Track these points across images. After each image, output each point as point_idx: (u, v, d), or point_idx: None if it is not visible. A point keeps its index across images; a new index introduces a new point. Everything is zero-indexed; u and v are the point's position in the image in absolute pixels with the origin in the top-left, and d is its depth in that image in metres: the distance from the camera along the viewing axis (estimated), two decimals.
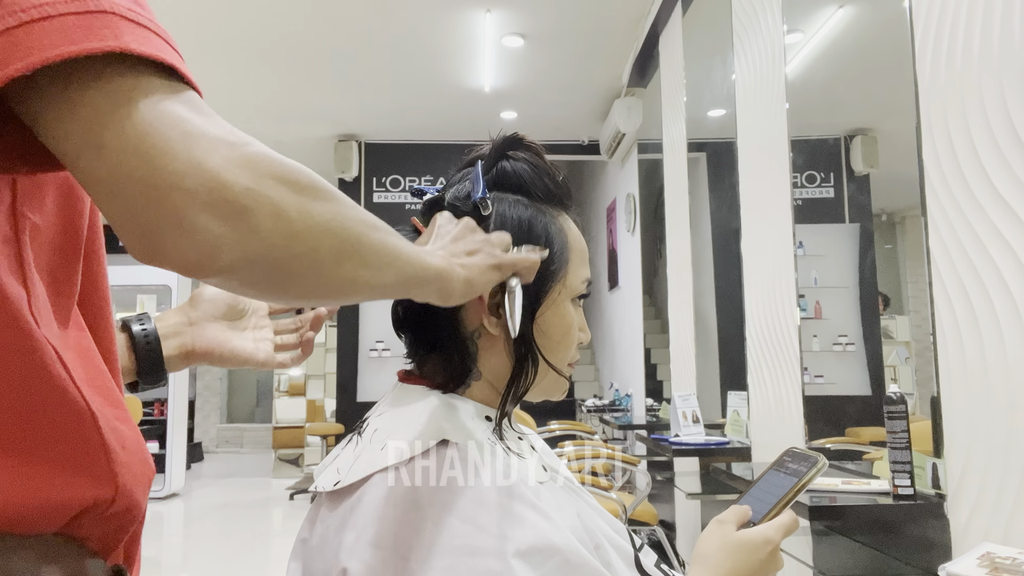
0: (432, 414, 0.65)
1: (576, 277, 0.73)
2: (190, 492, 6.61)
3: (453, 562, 0.55)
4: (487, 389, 0.71)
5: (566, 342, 0.73)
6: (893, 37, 1.70)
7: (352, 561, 0.57)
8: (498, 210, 0.70)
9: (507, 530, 0.56)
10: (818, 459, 0.69)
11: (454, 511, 0.57)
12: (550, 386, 0.74)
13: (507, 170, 0.73)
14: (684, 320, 3.83)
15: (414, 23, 4.37)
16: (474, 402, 0.70)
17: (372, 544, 0.57)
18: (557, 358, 0.73)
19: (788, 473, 0.70)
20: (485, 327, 0.69)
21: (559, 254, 0.71)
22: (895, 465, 1.49)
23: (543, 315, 0.71)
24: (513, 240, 0.68)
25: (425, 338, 0.71)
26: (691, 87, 3.67)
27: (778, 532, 0.66)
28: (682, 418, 2.99)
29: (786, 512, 0.68)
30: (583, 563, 0.59)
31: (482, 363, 0.71)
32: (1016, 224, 1.30)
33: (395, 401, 0.70)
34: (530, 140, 0.75)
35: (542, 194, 0.73)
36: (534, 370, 0.70)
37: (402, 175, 6.48)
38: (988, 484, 1.36)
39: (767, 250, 2.52)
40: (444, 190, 0.74)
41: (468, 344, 0.70)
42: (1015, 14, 1.31)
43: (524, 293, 0.67)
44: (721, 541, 0.66)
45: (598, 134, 6.18)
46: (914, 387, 1.87)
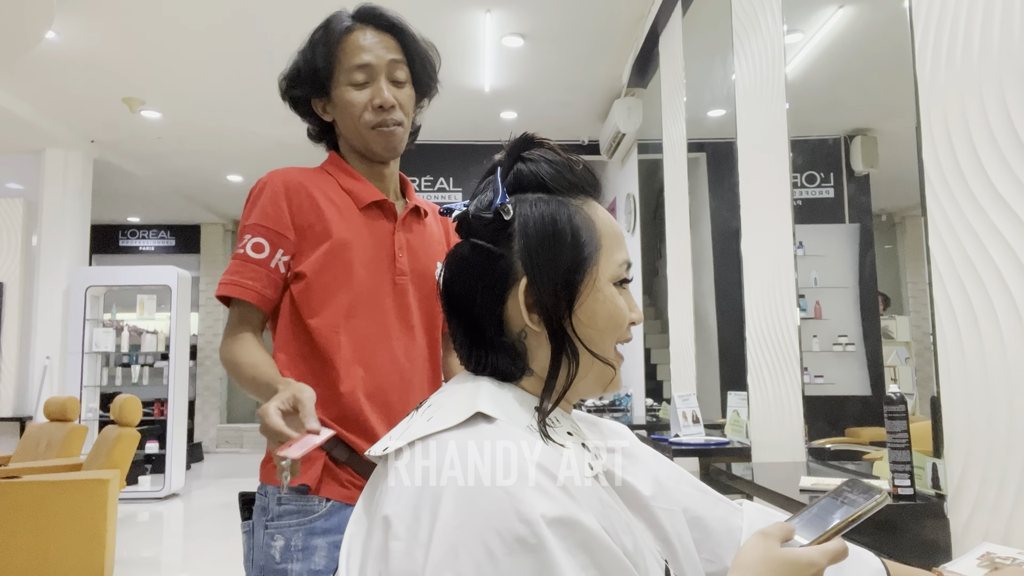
0: (478, 393, 0.69)
1: (611, 261, 0.74)
2: (190, 492, 6.61)
3: (481, 525, 0.57)
4: (539, 384, 0.73)
5: (612, 327, 0.73)
6: (893, 37, 1.71)
7: (393, 509, 0.63)
8: (520, 212, 0.72)
9: (535, 499, 0.58)
10: (879, 493, 0.68)
11: (484, 477, 0.60)
12: (599, 378, 0.75)
13: (524, 171, 0.74)
14: (684, 320, 3.82)
15: (414, 23, 4.36)
16: (523, 390, 0.72)
17: (411, 504, 0.62)
18: (604, 347, 0.73)
19: (845, 502, 0.69)
20: (529, 326, 0.71)
21: (588, 242, 0.72)
22: (895, 465, 1.49)
23: (582, 305, 0.71)
24: (539, 238, 0.70)
25: (477, 340, 0.74)
26: (691, 87, 3.67)
27: (824, 557, 0.65)
28: (682, 418, 2.99)
29: (837, 540, 0.66)
30: (608, 547, 0.59)
31: (532, 360, 0.73)
32: (1016, 224, 1.30)
33: (453, 383, 0.75)
34: (541, 137, 0.76)
35: (563, 187, 0.74)
36: (575, 363, 0.71)
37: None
38: (988, 484, 1.36)
39: (767, 250, 2.52)
40: (468, 203, 0.75)
41: (516, 345, 0.72)
42: (1015, 14, 1.31)
43: (556, 288, 0.70)
44: (765, 554, 0.65)
45: (598, 134, 6.18)
46: (914, 387, 1.87)
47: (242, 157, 6.92)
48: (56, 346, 6.23)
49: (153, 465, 6.72)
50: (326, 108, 1.28)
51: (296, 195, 1.21)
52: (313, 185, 1.23)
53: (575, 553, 0.57)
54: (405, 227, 1.28)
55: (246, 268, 1.19)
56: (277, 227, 1.20)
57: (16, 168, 6.47)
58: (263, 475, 1.21)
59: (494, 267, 0.71)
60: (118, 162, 6.95)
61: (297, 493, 1.16)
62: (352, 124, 1.24)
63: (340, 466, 1.17)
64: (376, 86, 1.22)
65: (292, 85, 1.27)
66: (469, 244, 0.73)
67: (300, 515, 1.14)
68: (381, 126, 1.22)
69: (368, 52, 1.22)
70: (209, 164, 7.18)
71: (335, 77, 1.23)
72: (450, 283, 0.75)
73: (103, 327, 6.50)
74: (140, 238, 10.05)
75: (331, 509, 1.15)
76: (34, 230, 6.39)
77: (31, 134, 5.98)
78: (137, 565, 4.24)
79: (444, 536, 0.58)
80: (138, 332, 6.92)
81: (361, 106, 1.22)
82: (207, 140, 6.39)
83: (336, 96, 1.24)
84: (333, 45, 1.23)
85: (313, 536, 1.13)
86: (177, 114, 5.81)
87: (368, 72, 1.22)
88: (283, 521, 1.14)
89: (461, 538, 0.57)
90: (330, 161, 1.30)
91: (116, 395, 4.41)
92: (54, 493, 3.46)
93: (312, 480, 1.16)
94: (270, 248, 1.19)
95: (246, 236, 1.20)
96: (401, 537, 0.61)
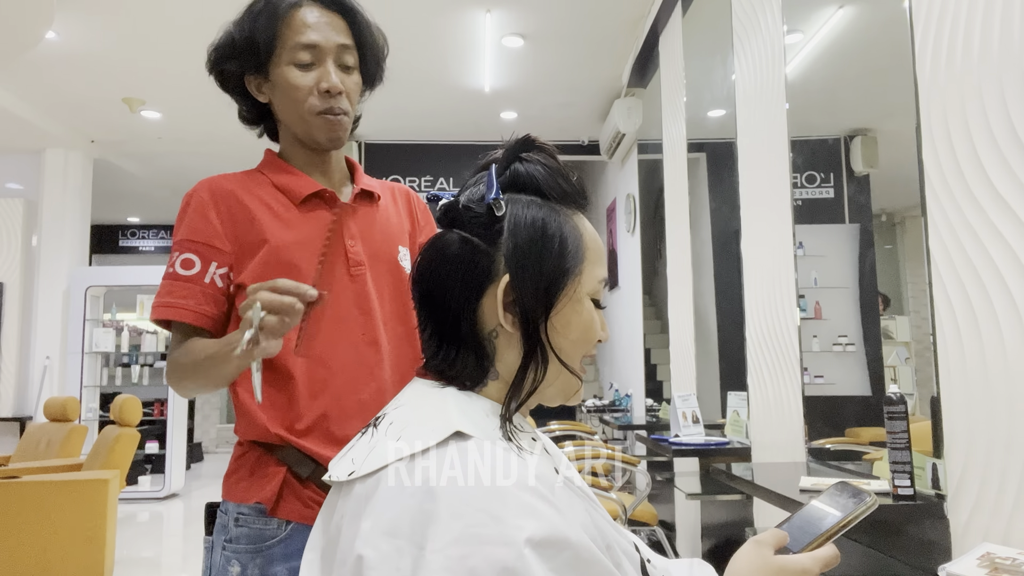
0: (448, 408, 0.67)
1: (592, 276, 0.74)
2: (190, 492, 6.61)
3: (467, 551, 0.55)
4: (504, 388, 0.72)
5: (583, 340, 0.73)
6: (893, 37, 1.71)
7: (367, 549, 0.58)
8: (512, 211, 0.71)
9: (521, 521, 0.57)
10: (868, 497, 0.68)
11: (468, 501, 0.58)
12: (564, 387, 0.74)
13: (521, 172, 0.74)
14: (684, 320, 3.82)
15: (414, 23, 4.37)
16: (489, 400, 0.71)
17: (387, 533, 0.58)
18: (572, 357, 0.73)
19: (835, 507, 0.68)
20: (503, 326, 0.70)
21: (574, 252, 0.72)
22: (895, 465, 1.49)
23: (559, 313, 0.71)
24: (528, 239, 0.70)
25: (446, 334, 0.72)
26: (691, 87, 3.67)
27: (816, 564, 0.65)
28: (682, 418, 2.99)
29: (828, 546, 0.66)
30: (594, 560, 0.59)
31: (499, 363, 0.72)
32: (1016, 224, 1.30)
33: (412, 396, 0.72)
34: (543, 142, 0.76)
35: (556, 194, 0.74)
36: (544, 368, 0.71)
37: (402, 175, 6.49)
38: (988, 484, 1.36)
39: (767, 250, 2.52)
40: (458, 194, 0.75)
41: (486, 344, 0.71)
42: (1015, 14, 1.31)
43: (538, 291, 0.69)
44: (759, 562, 0.65)
45: (598, 134, 6.18)
46: (914, 387, 1.87)
47: (242, 157, 6.90)
48: (56, 346, 6.23)
49: (153, 465, 6.72)
50: (261, 87, 1.17)
51: (224, 203, 1.13)
52: (243, 190, 1.14)
53: (563, 572, 0.57)
54: (354, 214, 1.19)
55: (176, 287, 1.10)
56: (208, 240, 1.11)
57: (16, 168, 6.47)
58: (225, 490, 1.12)
59: (476, 261, 0.70)
60: (118, 162, 6.95)
61: (255, 513, 1.06)
62: (294, 109, 1.14)
63: (303, 483, 1.08)
64: (323, 69, 1.12)
65: (224, 57, 1.15)
66: (454, 235, 0.72)
67: (258, 540, 1.05)
68: (327, 113, 1.13)
69: (316, 31, 1.12)
70: (209, 164, 7.17)
71: (276, 54, 1.12)
72: (425, 272, 0.73)
73: (103, 327, 6.50)
74: (140, 238, 10.05)
75: (292, 532, 1.06)
76: (34, 230, 6.39)
77: (31, 134, 5.98)
78: (137, 565, 4.24)
79: (428, 566, 0.56)
80: (138, 332, 6.92)
81: (306, 90, 1.12)
82: (207, 140, 6.39)
83: (276, 76, 1.13)
84: (277, 19, 1.12)
85: (272, 563, 1.04)
86: (177, 114, 5.81)
87: (315, 53, 1.12)
88: (240, 545, 1.06)
89: (448, 565, 0.55)
90: (264, 160, 1.22)
91: (116, 395, 4.41)
92: (54, 493, 3.46)
93: (268, 498, 1.06)
94: (201, 263, 1.10)
95: (174, 254, 1.12)
96: (376, 568, 0.57)
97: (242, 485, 1.10)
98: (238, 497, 1.09)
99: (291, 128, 1.17)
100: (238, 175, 1.18)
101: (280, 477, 1.07)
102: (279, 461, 1.08)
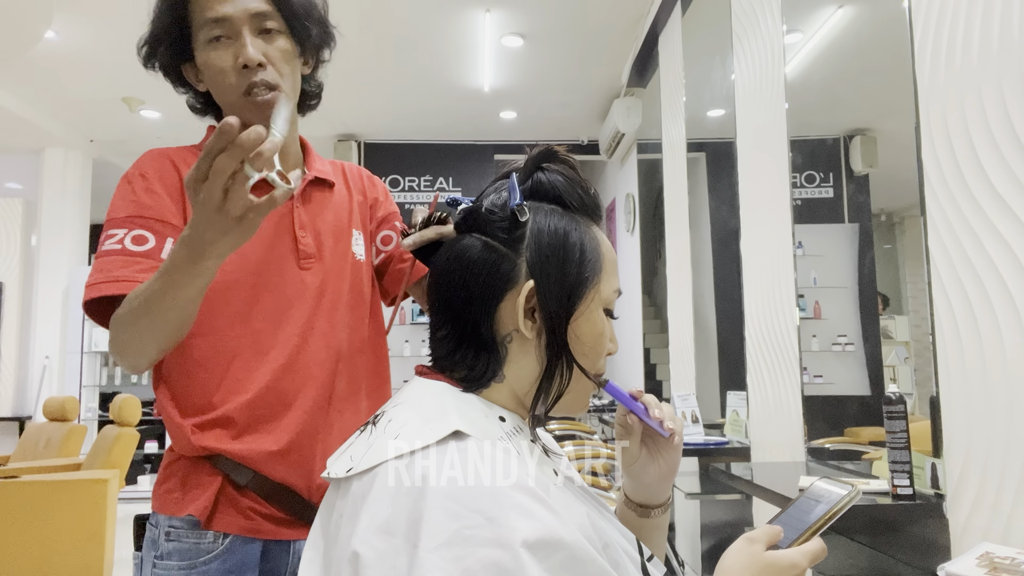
0: (447, 408, 0.67)
1: (608, 286, 0.75)
2: None
3: (462, 551, 0.56)
4: (507, 393, 0.73)
5: (596, 350, 0.75)
6: (893, 37, 1.71)
7: (363, 547, 0.59)
8: (535, 219, 0.72)
9: (515, 521, 0.57)
10: (851, 488, 0.70)
11: (464, 501, 0.58)
12: (578, 396, 0.76)
13: (543, 181, 0.75)
14: (683, 320, 3.82)
15: (414, 23, 4.37)
16: (490, 402, 0.72)
17: (383, 531, 0.59)
18: (587, 365, 0.74)
19: (820, 501, 0.71)
20: (520, 331, 0.70)
21: (592, 262, 0.73)
22: (894, 465, 1.49)
23: (576, 320, 0.72)
24: (550, 246, 0.71)
25: (465, 336, 0.72)
26: (690, 87, 3.67)
27: (804, 558, 0.67)
28: (681, 418, 2.99)
29: (815, 539, 0.68)
30: (589, 559, 0.59)
31: (508, 368, 0.72)
32: (1016, 224, 1.31)
33: (412, 394, 0.72)
34: (565, 154, 0.77)
35: (576, 204, 0.75)
36: (569, 372, 0.72)
37: (401, 175, 6.48)
38: (987, 484, 1.36)
39: (766, 250, 2.52)
40: (479, 199, 0.76)
41: (500, 347, 0.72)
42: (1015, 15, 1.31)
43: (560, 298, 0.70)
44: (749, 559, 0.67)
45: (597, 134, 6.18)
46: (913, 387, 1.87)
47: None
48: (55, 346, 6.23)
49: (152, 465, 6.71)
50: (199, 76, 1.09)
51: (170, 178, 1.04)
52: (187, 166, 1.04)
53: (558, 573, 0.57)
54: (304, 201, 1.11)
55: (129, 261, 0.96)
56: (161, 216, 1.01)
57: (15, 168, 6.46)
58: (154, 501, 1.03)
59: (499, 265, 0.71)
60: (118, 162, 6.94)
61: (188, 526, 0.98)
62: (222, 94, 1.05)
63: (241, 491, 0.99)
64: (239, 43, 1.02)
65: (151, 52, 1.08)
66: (476, 240, 0.73)
67: (191, 555, 0.97)
68: (251, 94, 1.02)
69: (224, 3, 1.01)
70: None
71: (194, 37, 1.04)
72: (445, 274, 0.73)
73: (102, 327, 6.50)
74: None
75: (230, 546, 0.98)
76: (33, 230, 6.39)
77: (31, 134, 5.98)
78: None
79: (423, 565, 0.56)
80: None
81: (227, 69, 1.02)
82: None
83: (199, 60, 1.05)
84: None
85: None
86: (177, 114, 5.81)
87: (227, 27, 1.02)
88: (171, 562, 0.97)
89: (443, 566, 0.55)
90: (207, 136, 1.08)
91: (115, 395, 4.41)
92: (53, 493, 3.46)
93: (201, 511, 0.98)
94: (156, 239, 0.99)
95: (119, 231, 0.99)
96: (373, 566, 0.58)
97: (174, 496, 1.01)
98: (169, 509, 1.00)
99: (226, 113, 1.08)
100: (179, 149, 1.09)
101: (215, 486, 0.99)
102: (213, 468, 1.00)
